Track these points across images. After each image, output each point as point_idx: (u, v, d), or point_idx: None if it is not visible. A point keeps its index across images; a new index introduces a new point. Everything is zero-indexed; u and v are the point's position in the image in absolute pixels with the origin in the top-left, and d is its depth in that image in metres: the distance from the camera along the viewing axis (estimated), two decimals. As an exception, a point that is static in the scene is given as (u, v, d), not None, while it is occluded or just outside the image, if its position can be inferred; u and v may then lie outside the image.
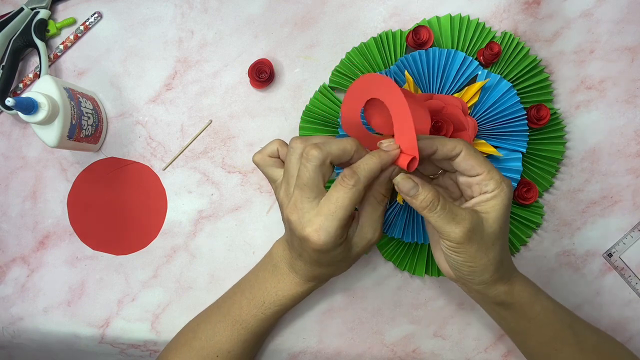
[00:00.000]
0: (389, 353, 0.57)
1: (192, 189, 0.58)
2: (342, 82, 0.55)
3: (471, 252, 0.40)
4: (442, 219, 0.39)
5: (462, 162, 0.40)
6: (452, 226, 0.39)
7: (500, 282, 0.43)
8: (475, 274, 0.42)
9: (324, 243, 0.40)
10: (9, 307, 0.60)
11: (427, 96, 0.51)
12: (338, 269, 0.48)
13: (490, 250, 0.40)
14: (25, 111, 0.47)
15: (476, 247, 0.40)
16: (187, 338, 0.52)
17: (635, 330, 0.56)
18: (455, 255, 0.41)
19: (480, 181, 0.40)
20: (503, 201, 0.40)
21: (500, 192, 0.39)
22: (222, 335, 0.50)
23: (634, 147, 0.56)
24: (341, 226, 0.40)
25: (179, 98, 0.58)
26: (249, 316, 0.50)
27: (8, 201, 0.59)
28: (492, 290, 0.43)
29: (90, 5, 0.59)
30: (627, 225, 0.56)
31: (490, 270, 0.41)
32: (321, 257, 0.43)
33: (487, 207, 0.40)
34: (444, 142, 0.40)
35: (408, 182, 0.39)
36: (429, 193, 0.39)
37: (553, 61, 0.56)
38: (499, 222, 0.40)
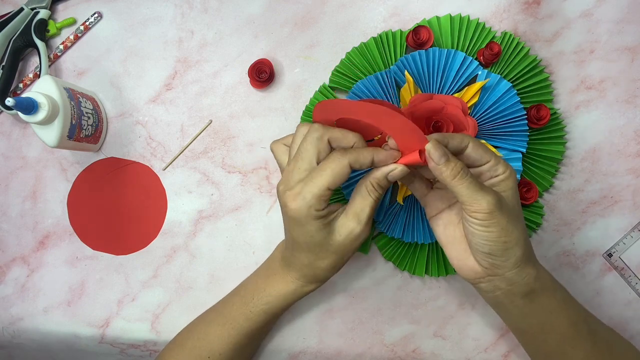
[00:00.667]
0: (389, 353, 0.57)
1: (192, 189, 0.58)
2: (342, 82, 0.55)
3: (503, 223, 0.39)
4: (472, 187, 0.38)
5: (472, 152, 0.40)
6: (482, 194, 0.38)
7: (530, 264, 0.42)
8: (509, 252, 0.40)
9: (298, 208, 0.40)
10: (9, 307, 0.60)
11: (427, 96, 0.51)
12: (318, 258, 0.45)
13: (518, 224, 0.40)
14: (25, 111, 0.47)
15: (507, 218, 0.39)
16: (183, 338, 0.53)
17: (635, 330, 0.56)
18: (487, 230, 0.39)
19: (489, 167, 0.41)
20: (514, 181, 0.41)
21: (511, 174, 0.41)
22: (213, 336, 0.50)
23: (634, 147, 0.56)
24: (317, 195, 0.40)
25: (179, 98, 0.58)
26: (238, 314, 0.50)
27: (8, 201, 0.59)
28: (524, 274, 0.42)
29: (90, 5, 0.59)
30: (627, 225, 0.56)
31: (522, 246, 0.41)
32: (297, 231, 0.42)
33: (502, 188, 0.41)
34: (452, 136, 0.40)
35: (439, 149, 0.38)
36: (457, 161, 0.39)
37: (553, 61, 0.56)
38: (515, 198, 0.41)
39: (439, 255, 0.55)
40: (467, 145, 0.40)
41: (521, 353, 0.57)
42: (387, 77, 0.53)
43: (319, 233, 0.42)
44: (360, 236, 0.43)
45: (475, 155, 0.40)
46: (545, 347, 0.47)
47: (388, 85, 0.53)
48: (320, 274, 0.46)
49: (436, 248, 0.55)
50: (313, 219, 0.41)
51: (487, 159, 0.41)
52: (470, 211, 0.39)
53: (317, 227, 0.42)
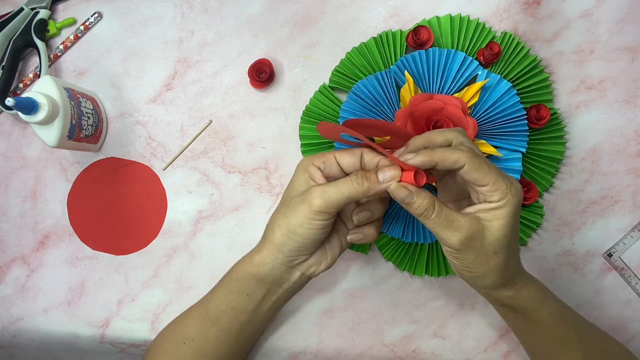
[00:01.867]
0: (389, 353, 0.57)
1: (192, 189, 0.58)
2: (342, 82, 0.55)
3: (469, 260, 0.40)
4: (437, 226, 0.39)
5: (466, 175, 0.38)
6: (448, 233, 0.39)
7: (505, 287, 0.43)
8: (475, 279, 0.42)
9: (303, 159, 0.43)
10: (9, 307, 0.60)
11: (427, 96, 0.51)
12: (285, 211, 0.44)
13: (491, 259, 0.40)
14: (25, 111, 0.47)
15: (474, 255, 0.39)
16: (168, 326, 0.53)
17: (635, 330, 0.56)
18: (455, 260, 0.41)
19: (485, 191, 0.39)
20: (508, 212, 0.38)
21: (506, 203, 0.38)
22: (189, 320, 0.50)
23: (634, 147, 0.56)
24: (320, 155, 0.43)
25: (179, 98, 0.58)
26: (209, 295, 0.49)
27: (8, 201, 0.59)
28: (496, 295, 0.43)
29: (90, 5, 0.59)
30: (627, 225, 0.56)
31: (492, 277, 0.41)
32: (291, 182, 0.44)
33: (490, 216, 0.39)
34: (446, 157, 0.38)
35: (402, 191, 0.39)
36: (423, 200, 0.38)
37: (553, 61, 0.56)
38: (503, 230, 0.39)
39: (439, 255, 0.55)
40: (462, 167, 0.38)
41: (521, 353, 0.57)
42: (387, 77, 0.53)
43: (299, 187, 0.43)
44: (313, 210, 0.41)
45: (469, 178, 0.38)
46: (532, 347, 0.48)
47: (388, 85, 0.53)
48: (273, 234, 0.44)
49: (436, 248, 0.55)
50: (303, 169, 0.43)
51: (483, 184, 0.38)
52: (440, 242, 0.40)
53: (302, 180, 0.43)
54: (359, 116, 0.53)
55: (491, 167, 0.38)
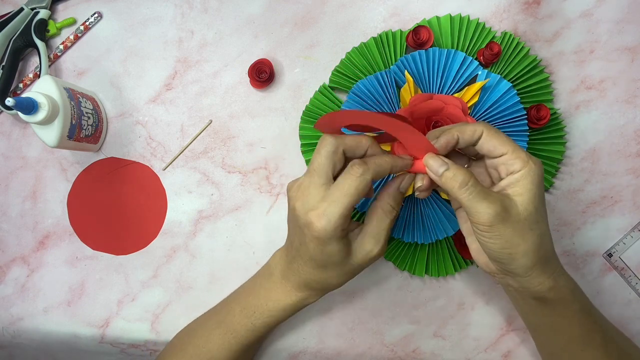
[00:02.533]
0: (389, 353, 0.57)
1: (192, 189, 0.58)
2: (342, 82, 0.55)
3: (507, 236, 0.38)
4: (474, 197, 0.37)
5: (485, 143, 0.38)
6: (484, 205, 0.37)
7: (545, 274, 0.40)
8: (516, 262, 0.39)
9: (324, 228, 0.39)
10: (9, 307, 0.60)
11: (427, 96, 0.51)
12: (331, 278, 0.44)
13: (528, 235, 0.38)
14: (25, 111, 0.47)
15: (511, 230, 0.37)
16: (183, 342, 0.52)
17: (635, 330, 0.56)
18: (491, 241, 0.38)
19: (506, 161, 0.38)
20: (533, 180, 0.38)
21: (529, 171, 0.37)
22: (214, 344, 0.50)
23: (634, 147, 0.56)
24: (343, 214, 0.39)
25: (179, 98, 0.58)
26: (239, 326, 0.49)
27: (8, 201, 0.59)
28: (536, 284, 0.41)
29: (90, 5, 0.59)
30: (627, 225, 0.56)
31: (532, 257, 0.39)
32: (318, 250, 0.41)
33: (517, 189, 0.38)
34: (463, 129, 0.38)
35: (437, 160, 0.38)
36: (458, 170, 0.38)
37: (553, 61, 0.56)
38: (533, 203, 0.38)
39: (439, 255, 0.55)
40: (480, 136, 0.38)
41: (522, 353, 0.57)
42: (387, 77, 0.53)
43: (339, 254, 0.41)
44: (377, 256, 0.43)
45: (488, 146, 0.38)
46: (553, 346, 0.47)
47: (388, 85, 0.53)
48: (328, 287, 0.46)
49: (436, 248, 0.55)
50: (337, 239, 0.40)
51: (502, 151, 0.38)
52: (473, 221, 0.39)
53: (339, 248, 0.41)
54: None
55: (508, 137, 0.38)
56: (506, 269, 0.40)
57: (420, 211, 0.54)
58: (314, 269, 0.44)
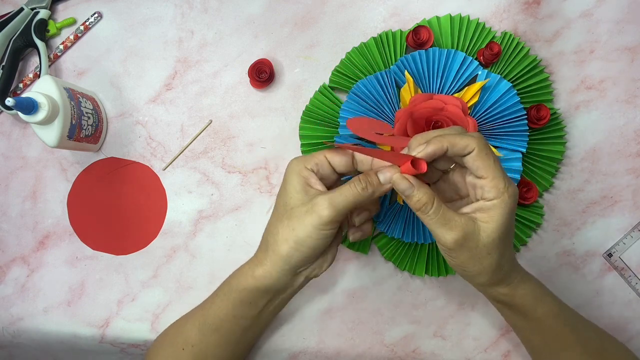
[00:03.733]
0: (389, 353, 0.57)
1: (192, 189, 0.58)
2: (342, 82, 0.55)
3: (462, 259, 0.40)
4: (434, 223, 0.39)
5: (471, 160, 0.38)
6: (443, 231, 0.39)
7: (500, 285, 0.43)
8: (470, 277, 0.42)
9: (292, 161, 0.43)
10: (9, 307, 0.60)
11: (427, 96, 0.51)
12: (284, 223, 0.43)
13: (484, 259, 0.40)
14: (25, 111, 0.47)
15: (468, 255, 0.39)
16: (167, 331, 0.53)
17: (635, 330, 0.56)
18: (449, 258, 0.41)
19: (483, 185, 0.38)
20: (503, 212, 0.38)
21: (500, 203, 0.38)
22: (188, 326, 0.50)
23: (634, 147, 0.56)
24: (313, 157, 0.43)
25: (179, 98, 0.58)
26: (209, 302, 0.49)
27: (8, 201, 0.59)
28: (492, 292, 0.44)
29: (90, 5, 0.59)
30: (627, 225, 0.56)
31: (485, 277, 0.41)
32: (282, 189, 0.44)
33: (485, 217, 0.39)
34: (455, 142, 0.38)
35: (404, 182, 0.39)
36: (423, 195, 0.39)
37: (553, 61, 0.56)
38: (497, 232, 0.38)
39: (439, 255, 0.55)
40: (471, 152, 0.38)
41: (521, 352, 0.57)
42: (387, 77, 0.53)
43: (296, 194, 0.42)
44: (323, 221, 0.41)
45: (472, 165, 0.38)
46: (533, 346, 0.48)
47: (388, 85, 0.53)
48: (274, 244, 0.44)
49: (436, 248, 0.55)
50: (296, 174, 0.43)
51: (483, 175, 0.38)
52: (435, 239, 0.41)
53: (294, 182, 0.42)
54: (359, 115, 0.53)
55: (496, 162, 0.38)
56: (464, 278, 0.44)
57: (420, 211, 0.54)
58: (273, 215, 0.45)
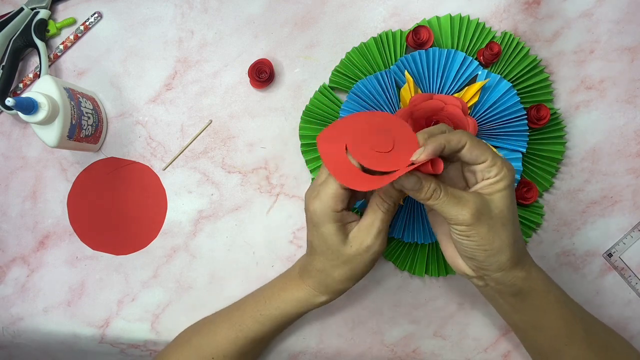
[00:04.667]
0: (389, 353, 0.57)
1: (192, 189, 0.58)
2: (342, 82, 0.55)
3: (482, 234, 0.40)
4: (447, 204, 0.39)
5: (467, 153, 0.40)
6: (458, 208, 0.39)
7: (518, 267, 0.42)
8: (491, 258, 0.41)
9: (315, 208, 0.42)
10: (9, 307, 0.60)
11: (427, 96, 0.51)
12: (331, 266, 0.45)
13: (502, 231, 0.40)
14: (25, 111, 0.47)
15: (487, 228, 0.40)
16: (189, 336, 0.53)
17: (635, 330, 0.56)
18: (468, 240, 0.40)
19: (483, 168, 0.40)
20: (506, 183, 0.40)
21: (503, 177, 0.40)
22: (220, 336, 0.50)
23: (634, 147, 0.56)
24: (333, 194, 0.42)
25: (179, 98, 0.58)
26: (247, 317, 0.50)
27: (8, 201, 0.59)
28: (511, 277, 0.43)
29: (90, 5, 0.59)
30: (627, 225, 0.56)
31: (507, 252, 0.41)
32: (315, 232, 0.44)
33: (490, 190, 0.40)
34: (449, 138, 0.40)
35: (411, 179, 0.40)
36: (432, 183, 0.40)
37: (553, 61, 0.56)
38: (504, 202, 0.40)
39: (439, 255, 0.55)
40: (464, 146, 0.40)
41: (521, 353, 0.57)
42: (387, 77, 0.53)
43: (332, 237, 0.43)
44: (371, 249, 0.44)
45: (470, 156, 0.40)
46: (538, 343, 0.48)
47: (388, 85, 0.53)
48: (333, 284, 0.47)
49: (436, 248, 0.55)
50: (329, 220, 0.42)
51: (482, 160, 0.40)
52: (451, 224, 0.41)
53: (332, 230, 0.43)
54: None
55: (487, 146, 0.41)
56: (482, 267, 0.42)
57: (420, 211, 0.54)
58: (314, 256, 0.45)
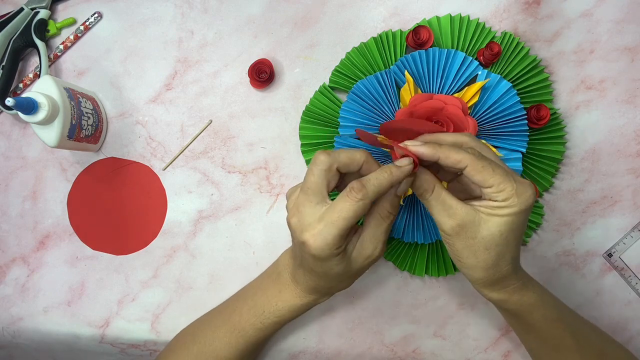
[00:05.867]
0: (389, 353, 0.57)
1: (192, 189, 0.58)
2: (342, 82, 0.55)
3: (458, 247, 0.40)
4: (433, 208, 0.40)
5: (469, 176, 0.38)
6: (442, 217, 0.39)
7: (494, 288, 0.42)
8: (464, 270, 0.42)
9: (320, 249, 0.39)
10: (9, 307, 0.60)
11: (427, 96, 0.51)
12: (336, 284, 0.46)
13: (480, 253, 0.39)
14: (25, 111, 0.47)
15: (463, 245, 0.39)
16: (186, 341, 0.52)
17: (635, 330, 0.56)
18: (446, 244, 0.41)
19: (489, 193, 0.38)
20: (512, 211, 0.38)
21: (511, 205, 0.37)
22: (220, 342, 0.50)
23: (634, 147, 0.56)
24: (340, 235, 0.39)
25: (179, 98, 0.58)
26: (247, 324, 0.49)
27: (8, 201, 0.59)
28: (485, 293, 0.43)
29: (90, 5, 0.59)
30: (627, 225, 0.56)
31: (479, 273, 0.41)
32: (317, 265, 0.42)
33: (490, 212, 0.38)
34: (449, 154, 0.38)
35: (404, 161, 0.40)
36: (423, 182, 0.40)
37: (553, 61, 0.56)
38: (499, 228, 0.38)
39: (439, 255, 0.55)
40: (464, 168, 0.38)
41: (521, 353, 0.57)
42: (387, 77, 0.53)
43: (337, 267, 0.42)
44: (377, 258, 0.44)
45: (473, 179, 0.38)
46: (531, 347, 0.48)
47: (388, 85, 0.53)
48: (333, 290, 0.48)
49: (436, 248, 0.55)
50: (334, 256, 0.41)
51: (488, 185, 0.38)
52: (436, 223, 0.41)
53: (336, 262, 0.41)
54: (359, 116, 0.53)
55: (496, 170, 0.38)
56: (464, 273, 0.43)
57: (420, 211, 0.54)
58: (316, 278, 0.44)
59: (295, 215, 0.41)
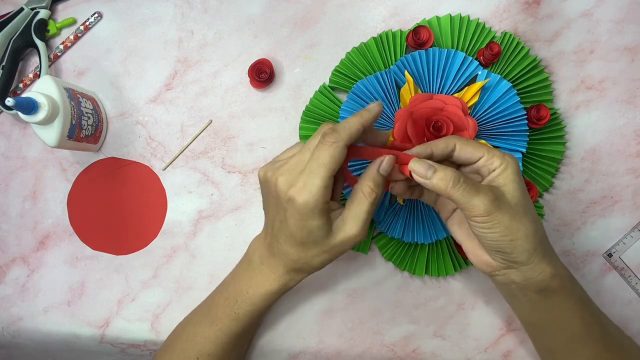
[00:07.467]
0: (389, 353, 0.57)
1: (192, 189, 0.58)
2: (342, 82, 0.55)
3: (505, 222, 0.39)
4: (467, 193, 0.38)
5: (461, 153, 0.40)
6: (478, 198, 0.38)
7: (546, 260, 0.41)
8: (519, 248, 0.40)
9: (305, 201, 0.40)
10: (9, 307, 0.60)
11: (427, 96, 0.51)
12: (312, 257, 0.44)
13: (524, 219, 0.39)
14: (25, 111, 0.47)
15: (508, 216, 0.39)
16: (172, 340, 0.52)
17: (635, 330, 0.56)
18: (490, 231, 0.39)
19: (484, 163, 0.40)
20: (513, 170, 0.40)
21: (508, 164, 0.40)
22: (201, 337, 0.50)
23: (634, 147, 0.56)
24: (323, 186, 0.39)
25: (179, 98, 0.58)
26: (223, 316, 0.49)
27: (8, 201, 0.59)
28: (539, 271, 0.41)
29: (90, 5, 0.59)
30: (627, 225, 0.56)
31: (532, 241, 0.40)
32: (300, 225, 0.41)
33: (501, 181, 0.40)
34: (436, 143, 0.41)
35: (423, 164, 0.40)
36: (446, 170, 0.39)
37: (553, 61, 0.56)
38: (518, 190, 0.40)
39: (439, 255, 0.55)
40: (454, 148, 0.40)
41: (522, 353, 0.57)
42: (387, 77, 0.53)
43: (319, 230, 0.42)
44: (356, 239, 0.43)
45: (464, 155, 0.41)
46: (553, 342, 0.47)
47: (388, 85, 0.53)
48: (308, 269, 0.46)
49: (436, 248, 0.55)
50: (319, 214, 0.41)
51: (479, 155, 0.40)
52: (470, 216, 0.39)
53: (320, 223, 0.41)
54: None
55: (480, 143, 0.41)
56: (509, 259, 0.41)
57: (420, 211, 0.54)
58: (293, 247, 0.44)
59: (284, 174, 0.41)
